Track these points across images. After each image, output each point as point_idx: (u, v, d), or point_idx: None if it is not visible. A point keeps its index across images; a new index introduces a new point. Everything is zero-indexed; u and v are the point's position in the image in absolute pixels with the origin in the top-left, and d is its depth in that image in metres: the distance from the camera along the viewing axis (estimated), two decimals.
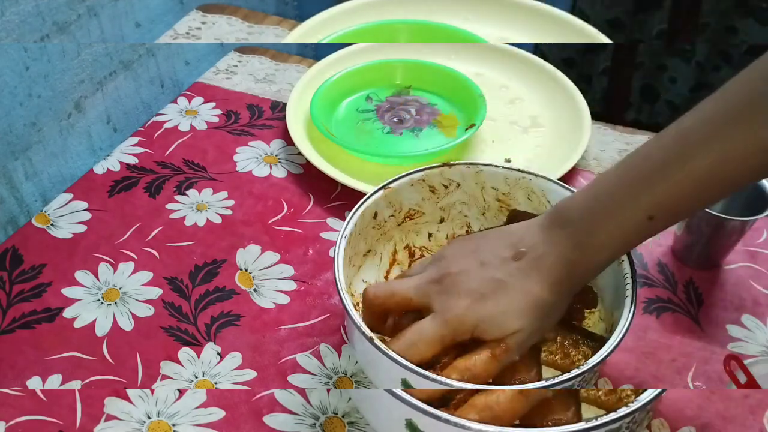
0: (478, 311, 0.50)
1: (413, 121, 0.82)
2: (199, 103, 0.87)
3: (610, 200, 0.50)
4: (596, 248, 0.50)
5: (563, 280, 0.50)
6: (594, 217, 0.50)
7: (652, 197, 0.48)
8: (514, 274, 0.50)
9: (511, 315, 0.50)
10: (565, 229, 0.51)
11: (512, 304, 0.50)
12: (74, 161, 0.84)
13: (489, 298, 0.50)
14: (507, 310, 0.50)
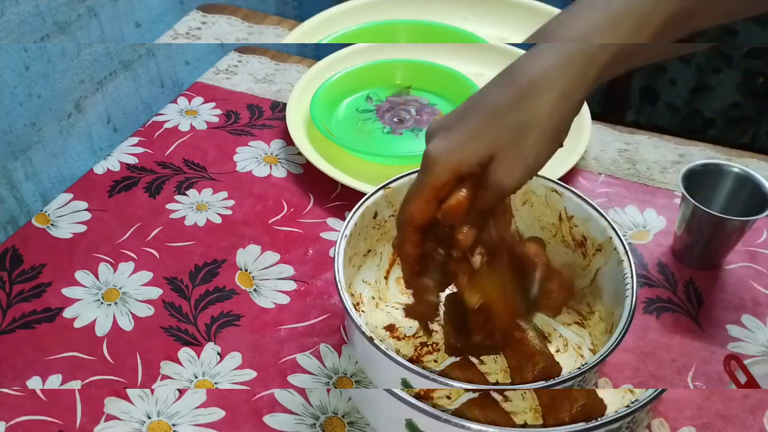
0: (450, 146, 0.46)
1: (413, 121, 0.82)
2: (199, 103, 0.87)
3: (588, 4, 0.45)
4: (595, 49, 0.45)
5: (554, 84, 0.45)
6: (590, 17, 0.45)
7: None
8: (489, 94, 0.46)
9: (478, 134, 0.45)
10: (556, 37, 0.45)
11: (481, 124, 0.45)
12: (74, 161, 0.84)
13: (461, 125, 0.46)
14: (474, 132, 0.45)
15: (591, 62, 0.45)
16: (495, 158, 0.45)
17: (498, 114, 0.45)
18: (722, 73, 1.47)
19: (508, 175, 0.46)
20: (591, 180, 0.77)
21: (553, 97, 0.45)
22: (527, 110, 0.45)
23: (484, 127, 0.45)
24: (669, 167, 0.78)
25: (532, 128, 0.45)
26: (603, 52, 0.45)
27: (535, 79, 0.45)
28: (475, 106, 0.46)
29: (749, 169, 0.65)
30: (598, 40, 0.45)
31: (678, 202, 0.68)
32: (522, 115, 0.45)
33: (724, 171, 0.66)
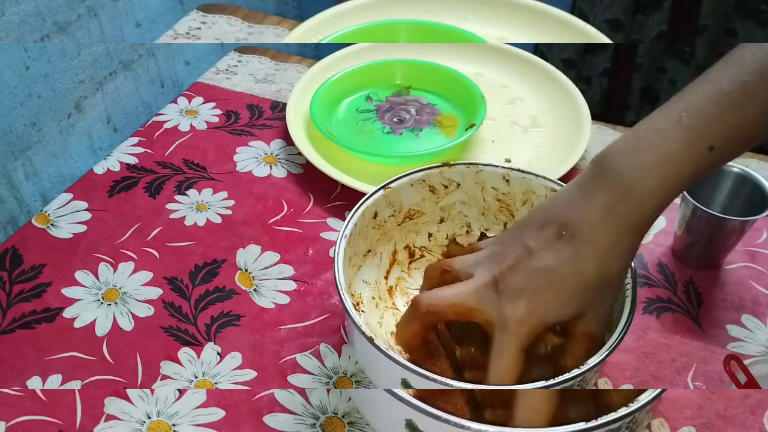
0: (538, 309, 0.47)
1: (413, 121, 0.82)
2: (199, 103, 0.87)
3: (658, 136, 0.45)
4: (650, 191, 0.45)
5: (615, 242, 0.46)
6: (640, 157, 0.45)
7: (710, 125, 0.44)
8: (563, 256, 0.46)
9: (569, 301, 0.47)
10: (607, 180, 0.46)
11: (568, 290, 0.46)
12: (74, 161, 0.84)
13: (545, 292, 0.47)
14: (564, 299, 0.46)
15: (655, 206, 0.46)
16: (584, 315, 0.48)
17: (580, 276, 0.46)
18: None
19: (597, 327, 0.48)
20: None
21: (627, 250, 0.47)
22: (608, 269, 0.47)
23: (572, 290, 0.47)
24: None
25: (615, 284, 0.48)
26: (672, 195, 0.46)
27: (604, 237, 0.46)
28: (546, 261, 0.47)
29: (749, 169, 0.65)
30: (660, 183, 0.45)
31: (678, 202, 0.68)
32: (605, 275, 0.47)
33: (724, 171, 0.66)
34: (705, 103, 0.45)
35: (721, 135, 0.45)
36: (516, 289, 0.47)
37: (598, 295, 0.47)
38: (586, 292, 0.47)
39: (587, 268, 0.46)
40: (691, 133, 0.45)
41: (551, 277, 0.47)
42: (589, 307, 0.47)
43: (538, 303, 0.47)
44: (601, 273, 0.46)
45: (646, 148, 0.45)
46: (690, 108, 0.46)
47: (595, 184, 0.47)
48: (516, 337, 0.47)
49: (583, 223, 0.46)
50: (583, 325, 0.48)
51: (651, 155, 0.45)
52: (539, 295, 0.47)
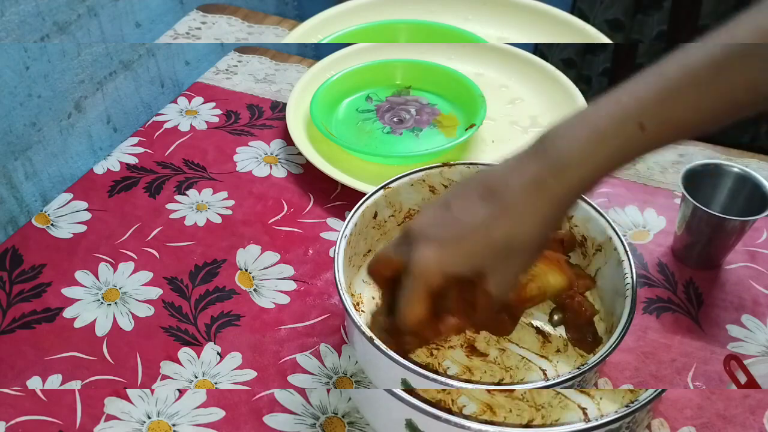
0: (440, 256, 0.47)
1: (413, 121, 0.82)
2: (199, 103, 0.87)
3: (593, 111, 0.46)
4: (576, 163, 0.45)
5: (532, 209, 0.46)
6: (573, 132, 0.45)
7: (642, 102, 0.44)
8: (476, 213, 0.47)
9: (471, 256, 0.47)
10: (539, 150, 0.46)
11: (473, 246, 0.47)
12: (74, 161, 0.84)
13: (449, 242, 0.47)
14: (466, 253, 0.47)
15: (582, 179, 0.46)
16: (485, 274, 0.47)
17: (487, 234, 0.46)
18: None
19: (500, 286, 0.48)
20: None
21: (542, 220, 0.47)
22: (516, 233, 0.46)
23: (476, 245, 0.47)
24: (669, 167, 0.78)
25: (522, 249, 0.47)
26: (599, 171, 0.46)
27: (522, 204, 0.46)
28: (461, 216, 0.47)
29: (749, 169, 0.65)
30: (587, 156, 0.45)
31: (678, 202, 0.68)
32: (511, 238, 0.46)
33: (724, 171, 0.66)
34: (642, 84, 0.45)
35: (652, 114, 0.44)
36: (424, 236, 0.48)
37: (502, 258, 0.47)
38: (490, 252, 0.47)
39: (496, 228, 0.46)
40: (623, 110, 0.45)
41: (458, 229, 0.47)
42: (491, 268, 0.47)
43: (441, 251, 0.47)
44: (509, 236, 0.46)
45: (580, 122, 0.46)
46: (629, 88, 0.46)
47: (529, 154, 0.47)
48: (417, 280, 0.48)
49: (506, 188, 0.47)
50: (483, 284, 0.48)
51: (582, 130, 0.45)
52: (443, 245, 0.47)
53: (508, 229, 0.46)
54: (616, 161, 0.46)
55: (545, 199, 0.46)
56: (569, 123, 0.47)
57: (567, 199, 0.47)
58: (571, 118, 0.47)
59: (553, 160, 0.46)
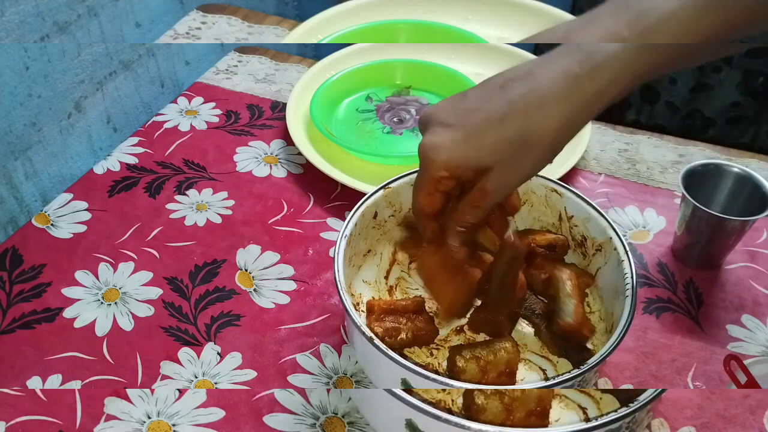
0: (447, 142, 0.45)
1: (413, 121, 0.82)
2: (199, 103, 0.87)
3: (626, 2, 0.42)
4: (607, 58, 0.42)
5: (553, 103, 0.42)
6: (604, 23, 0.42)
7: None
8: (493, 103, 0.44)
9: (481, 146, 0.44)
10: (571, 46, 0.43)
11: (484, 136, 0.44)
12: (74, 161, 0.84)
13: (460, 129, 0.45)
14: (476, 141, 0.44)
15: (603, 90, 0.43)
16: (492, 169, 0.45)
17: (501, 124, 0.44)
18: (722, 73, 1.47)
19: (500, 187, 0.46)
20: (591, 180, 0.77)
21: (558, 121, 0.43)
22: (533, 127, 0.43)
23: (486, 135, 0.44)
24: (669, 167, 0.78)
25: (536, 146, 0.44)
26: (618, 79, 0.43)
27: (546, 93, 0.43)
28: (477, 110, 0.45)
29: (749, 169, 0.65)
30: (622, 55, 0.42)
31: (678, 202, 0.68)
32: (527, 131, 0.43)
33: (724, 171, 0.66)
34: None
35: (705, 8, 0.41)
36: (434, 120, 0.46)
37: (512, 153, 0.44)
38: (501, 145, 0.44)
39: (512, 118, 0.43)
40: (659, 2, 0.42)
41: (471, 118, 0.45)
42: (498, 163, 0.45)
43: (449, 138, 0.45)
44: (525, 129, 0.43)
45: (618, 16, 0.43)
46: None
47: (559, 50, 0.44)
48: (423, 169, 0.46)
49: (530, 78, 0.43)
50: (484, 180, 0.46)
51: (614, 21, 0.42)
52: (452, 132, 0.45)
53: (524, 121, 0.43)
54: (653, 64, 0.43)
55: (572, 95, 0.43)
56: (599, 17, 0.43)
57: (596, 99, 0.43)
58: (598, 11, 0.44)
59: (587, 55, 0.42)
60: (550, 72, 0.43)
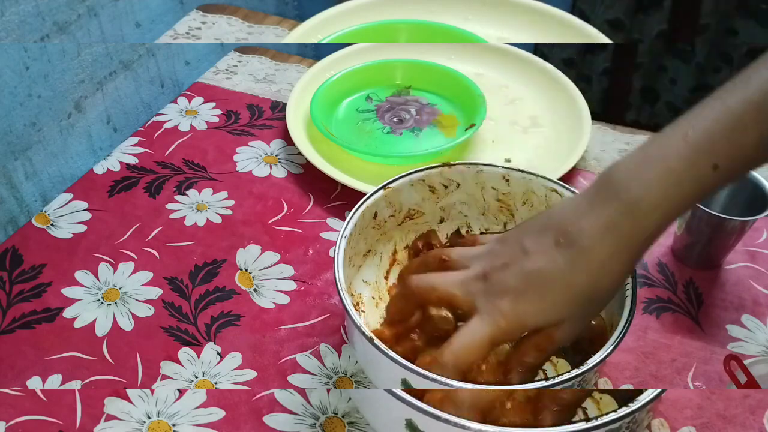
0: (522, 309, 0.47)
1: (413, 121, 0.82)
2: (199, 103, 0.87)
3: (663, 152, 0.45)
4: (653, 207, 0.44)
5: (611, 257, 0.45)
6: (644, 173, 0.45)
7: (713, 140, 0.44)
8: (557, 263, 0.46)
9: (554, 308, 0.47)
10: (610, 193, 0.46)
11: (555, 298, 0.47)
12: (74, 161, 0.84)
13: (531, 294, 0.47)
14: (549, 305, 0.47)
15: (660, 224, 0.45)
16: (564, 322, 0.47)
17: (570, 287, 0.46)
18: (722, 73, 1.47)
19: (568, 337, 0.48)
20: (591, 180, 0.76)
21: (621, 268, 0.46)
22: (599, 284, 0.46)
23: (558, 297, 0.47)
24: None
25: (602, 299, 0.48)
26: (674, 214, 0.45)
27: (599, 251, 0.46)
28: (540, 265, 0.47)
29: None
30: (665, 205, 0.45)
31: None
32: (594, 290, 0.46)
33: None
34: (711, 122, 0.45)
35: (725, 153, 0.44)
36: (504, 286, 0.48)
37: (583, 308, 0.47)
38: (573, 304, 0.47)
39: (578, 280, 0.46)
40: (695, 150, 0.44)
41: (541, 282, 0.47)
42: (569, 318, 0.47)
43: (524, 304, 0.47)
44: (592, 288, 0.46)
45: (651, 163, 0.45)
46: (696, 125, 0.45)
47: (599, 196, 0.46)
48: (493, 326, 0.47)
49: (582, 234, 0.46)
50: (554, 329, 0.48)
51: (654, 171, 0.45)
52: (525, 297, 0.47)
53: (589, 279, 0.46)
54: (689, 202, 0.46)
55: (623, 245, 0.45)
56: (637, 162, 0.46)
57: (642, 243, 0.46)
58: (636, 154, 0.46)
59: (627, 205, 0.45)
60: (598, 227, 0.46)
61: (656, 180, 0.45)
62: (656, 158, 0.45)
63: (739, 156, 0.45)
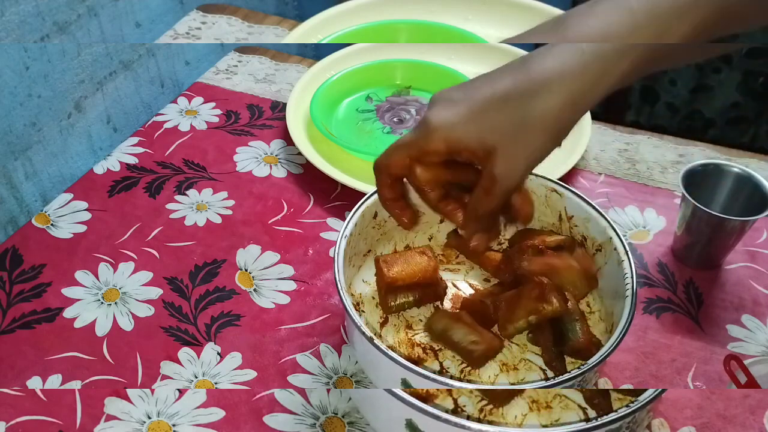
0: (449, 116, 0.46)
1: (413, 121, 0.82)
2: (199, 103, 0.87)
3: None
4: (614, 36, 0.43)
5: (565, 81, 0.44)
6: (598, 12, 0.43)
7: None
8: (499, 78, 0.45)
9: (478, 122, 0.45)
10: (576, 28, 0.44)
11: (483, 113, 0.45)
12: (74, 161, 0.84)
13: (460, 104, 0.46)
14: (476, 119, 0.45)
15: (608, 70, 0.44)
16: (495, 152, 0.45)
17: (505, 103, 0.44)
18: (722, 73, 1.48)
19: (509, 170, 0.46)
20: (591, 180, 0.77)
21: (563, 100, 0.44)
22: (535, 108, 0.44)
23: (490, 112, 0.45)
24: (669, 167, 0.78)
25: (537, 127, 0.45)
26: (623, 60, 0.43)
27: (548, 78, 0.44)
28: (483, 87, 0.46)
29: (749, 169, 0.65)
30: (619, 42, 0.43)
31: (678, 202, 0.68)
32: (529, 112, 0.44)
33: (724, 171, 0.66)
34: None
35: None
36: (445, 98, 0.47)
37: (515, 132, 0.45)
38: (503, 123, 0.45)
39: (513, 98, 0.44)
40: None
41: (476, 96, 0.46)
42: (501, 144, 0.45)
43: (454, 112, 0.46)
44: (526, 108, 0.44)
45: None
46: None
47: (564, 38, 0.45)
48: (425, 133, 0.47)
49: (537, 59, 0.45)
50: (491, 165, 0.46)
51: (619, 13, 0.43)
52: (458, 106, 0.46)
53: (527, 99, 0.44)
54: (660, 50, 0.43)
55: (575, 75, 0.43)
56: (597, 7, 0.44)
57: (600, 80, 0.44)
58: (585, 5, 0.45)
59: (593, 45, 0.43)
60: (555, 53, 0.44)
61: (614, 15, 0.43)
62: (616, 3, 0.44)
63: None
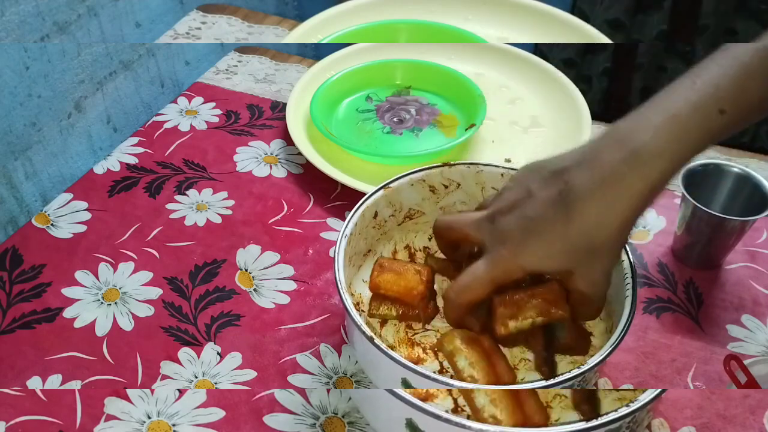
0: (520, 254, 0.48)
1: (413, 121, 0.82)
2: (199, 103, 0.87)
3: (668, 98, 0.45)
4: (657, 154, 0.44)
5: (610, 207, 0.45)
6: (649, 120, 0.44)
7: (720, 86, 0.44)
8: (555, 212, 0.46)
9: (551, 257, 0.47)
10: (614, 141, 0.45)
11: (552, 247, 0.47)
12: (74, 161, 0.84)
13: (529, 241, 0.47)
14: (545, 254, 0.47)
15: (665, 172, 0.45)
16: (575, 272, 0.48)
17: (566, 235, 0.46)
18: None
19: (587, 286, 0.49)
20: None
21: (620, 219, 0.46)
22: (598, 235, 0.46)
23: (556, 245, 0.47)
24: None
25: (605, 250, 0.47)
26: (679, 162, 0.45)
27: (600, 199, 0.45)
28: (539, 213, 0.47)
29: (749, 169, 0.65)
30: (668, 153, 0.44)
31: (678, 202, 0.68)
32: (592, 241, 0.46)
33: (724, 171, 0.66)
34: (717, 68, 0.45)
35: (731, 98, 0.44)
36: (506, 229, 0.49)
37: (584, 257, 0.47)
38: (570, 253, 0.47)
39: (573, 231, 0.46)
40: (702, 95, 0.44)
41: (538, 229, 0.47)
42: (576, 266, 0.48)
43: (521, 249, 0.48)
44: (589, 236, 0.46)
45: (656, 111, 0.45)
46: (703, 74, 0.45)
47: (604, 145, 0.46)
48: (493, 267, 0.49)
49: (583, 183, 0.46)
50: (572, 283, 0.49)
51: (659, 118, 0.44)
52: (524, 243, 0.48)
53: (583, 230, 0.46)
54: (695, 150, 0.45)
55: (624, 196, 0.45)
56: (643, 111, 0.45)
57: (647, 194, 0.45)
58: (644, 105, 0.46)
59: (630, 152, 0.44)
60: (601, 176, 0.45)
61: (661, 126, 0.44)
62: (662, 106, 0.45)
63: (745, 101, 0.44)
